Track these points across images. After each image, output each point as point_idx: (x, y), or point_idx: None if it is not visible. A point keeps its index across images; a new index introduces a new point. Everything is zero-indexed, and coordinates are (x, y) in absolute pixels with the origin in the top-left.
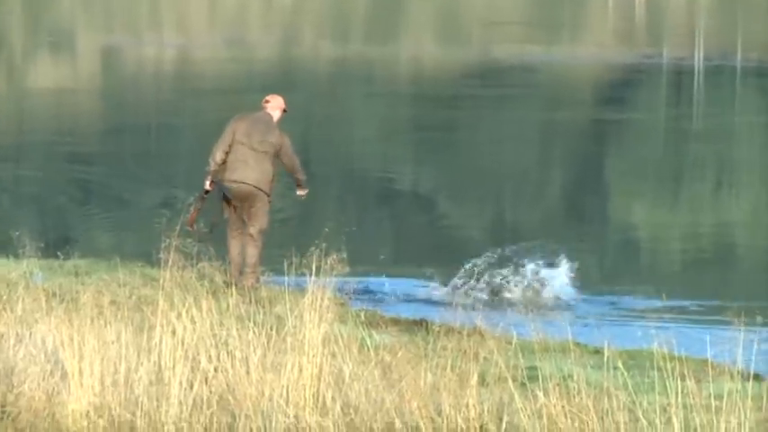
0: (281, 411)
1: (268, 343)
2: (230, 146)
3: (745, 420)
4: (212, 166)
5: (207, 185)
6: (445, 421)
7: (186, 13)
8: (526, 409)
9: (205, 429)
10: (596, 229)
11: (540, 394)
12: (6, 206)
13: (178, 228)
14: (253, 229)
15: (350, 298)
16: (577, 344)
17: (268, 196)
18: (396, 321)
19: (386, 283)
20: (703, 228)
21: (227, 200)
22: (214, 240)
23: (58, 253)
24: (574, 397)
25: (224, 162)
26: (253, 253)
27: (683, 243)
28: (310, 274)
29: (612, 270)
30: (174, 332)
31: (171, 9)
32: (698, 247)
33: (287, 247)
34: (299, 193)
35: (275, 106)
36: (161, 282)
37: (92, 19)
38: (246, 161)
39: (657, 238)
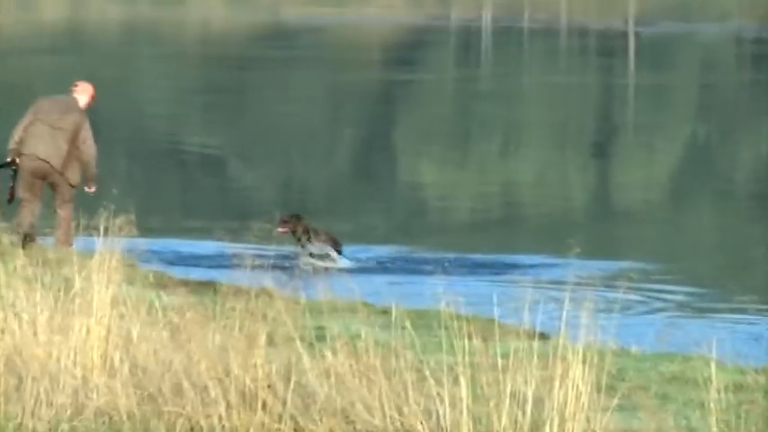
0: (69, 373)
1: (56, 305)
2: (31, 123)
3: (531, 378)
4: (12, 144)
5: (8, 160)
6: (234, 382)
7: None
8: (314, 369)
9: None
10: (384, 188)
11: (329, 354)
12: None
13: None
14: (56, 203)
15: (139, 259)
16: (365, 304)
17: (61, 174)
18: (185, 283)
19: (175, 245)
20: (490, 186)
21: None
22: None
23: None
24: (362, 356)
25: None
26: (60, 224)
27: (470, 202)
28: (98, 236)
29: (401, 228)
30: None
31: None
32: (485, 205)
33: (75, 209)
34: (88, 189)
35: (83, 90)
36: None
37: None
38: (42, 136)
39: (445, 196)
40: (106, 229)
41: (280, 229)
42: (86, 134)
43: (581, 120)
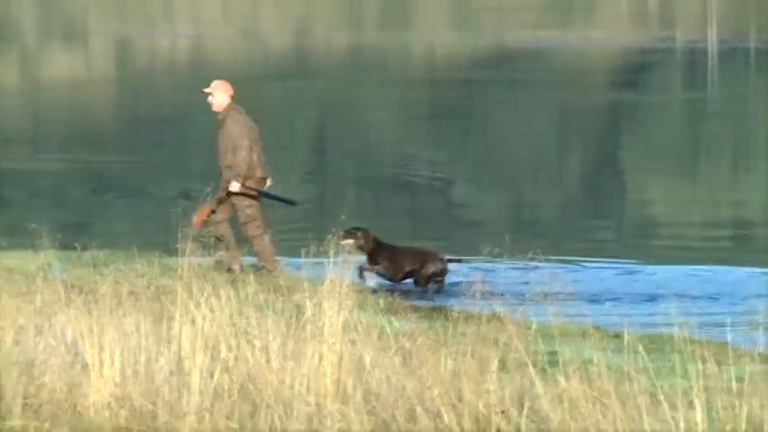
0: (302, 399)
1: (288, 331)
2: (251, 148)
3: (767, 403)
4: (245, 169)
5: (236, 187)
6: (466, 407)
7: (199, 4)
8: (547, 394)
9: (226, 418)
10: (614, 208)
11: (561, 379)
12: (24, 198)
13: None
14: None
15: (370, 285)
16: (597, 328)
17: None
18: (415, 308)
19: None
20: (720, 206)
21: (254, 198)
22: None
23: (76, 244)
24: (595, 381)
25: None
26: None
27: (700, 221)
28: (329, 262)
29: (630, 248)
30: (193, 322)
31: (183, 0)
32: (715, 225)
33: (305, 235)
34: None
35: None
36: (179, 271)
37: (105, 10)
38: (261, 158)
39: (674, 216)
40: (336, 255)
41: (345, 242)
42: None
43: None
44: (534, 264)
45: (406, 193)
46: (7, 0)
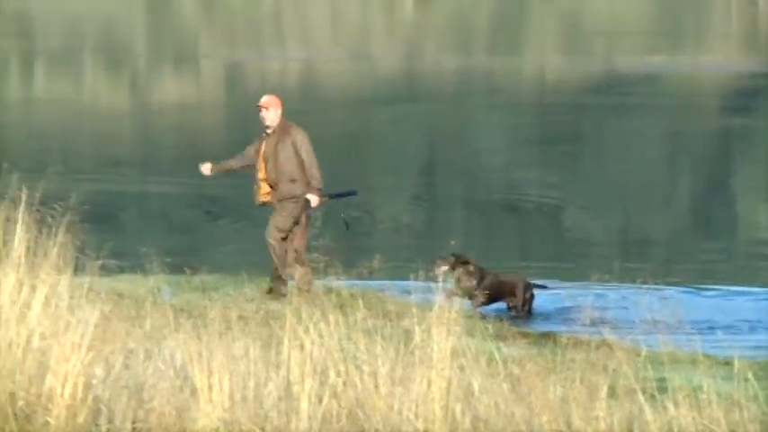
0: (411, 425)
1: (396, 357)
2: None
3: None
4: (322, 182)
5: (315, 201)
6: None
7: (309, 28)
8: (656, 422)
9: None
10: (725, 234)
11: (671, 406)
12: (134, 221)
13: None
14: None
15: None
16: (706, 355)
17: None
18: (524, 334)
19: None
20: None
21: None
22: (344, 250)
23: (186, 268)
24: (704, 409)
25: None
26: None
27: None
28: (437, 287)
29: (742, 272)
30: (302, 347)
31: (294, 24)
32: None
33: (413, 258)
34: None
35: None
36: (288, 296)
37: (215, 34)
38: None
39: None
40: (444, 281)
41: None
42: None
43: None
44: (644, 289)
45: (514, 216)
46: (119, 25)
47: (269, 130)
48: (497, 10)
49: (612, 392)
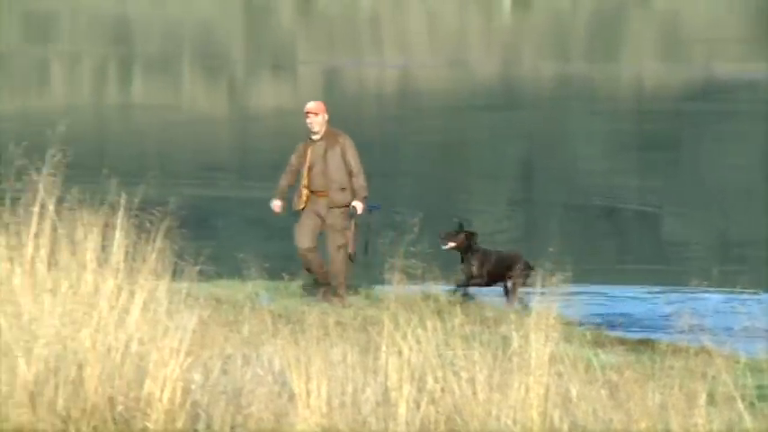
0: (509, 431)
1: (494, 363)
2: None
3: None
4: (367, 191)
5: (361, 209)
6: None
7: (406, 33)
8: (756, 429)
9: None
10: None
11: None
12: (233, 227)
13: (402, 248)
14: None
15: (576, 318)
16: None
17: None
18: (622, 341)
19: (611, 302)
20: None
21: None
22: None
23: (284, 274)
24: None
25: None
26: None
27: None
28: (535, 294)
29: None
30: (399, 353)
31: (391, 29)
32: None
33: None
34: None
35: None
36: (386, 302)
37: (313, 41)
38: None
39: None
40: (543, 287)
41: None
42: None
43: None
44: (742, 296)
45: (613, 222)
46: (216, 30)
47: (315, 137)
48: (595, 15)
49: (711, 400)
